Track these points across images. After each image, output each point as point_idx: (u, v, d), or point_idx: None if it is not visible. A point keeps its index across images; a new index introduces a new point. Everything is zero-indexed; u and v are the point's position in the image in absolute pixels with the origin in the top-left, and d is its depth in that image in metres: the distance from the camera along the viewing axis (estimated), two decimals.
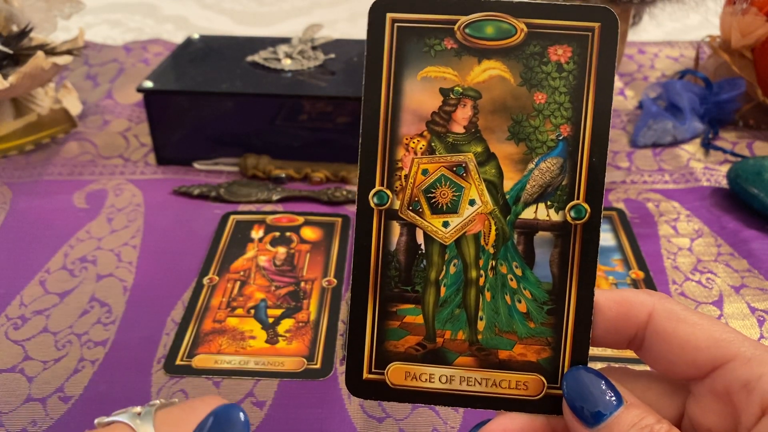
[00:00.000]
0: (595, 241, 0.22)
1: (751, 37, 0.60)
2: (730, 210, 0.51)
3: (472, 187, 0.22)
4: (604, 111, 0.21)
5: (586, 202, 0.22)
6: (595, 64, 0.21)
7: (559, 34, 0.22)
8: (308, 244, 0.47)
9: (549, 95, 0.22)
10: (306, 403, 0.35)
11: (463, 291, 0.22)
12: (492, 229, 0.22)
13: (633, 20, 0.52)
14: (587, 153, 0.22)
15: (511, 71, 0.22)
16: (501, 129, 0.22)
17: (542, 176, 0.22)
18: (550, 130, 0.22)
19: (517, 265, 0.22)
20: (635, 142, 0.60)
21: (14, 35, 0.57)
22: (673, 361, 0.19)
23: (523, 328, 0.22)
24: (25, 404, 0.35)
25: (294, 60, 0.58)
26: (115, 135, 0.61)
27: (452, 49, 0.22)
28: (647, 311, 0.20)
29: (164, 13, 0.97)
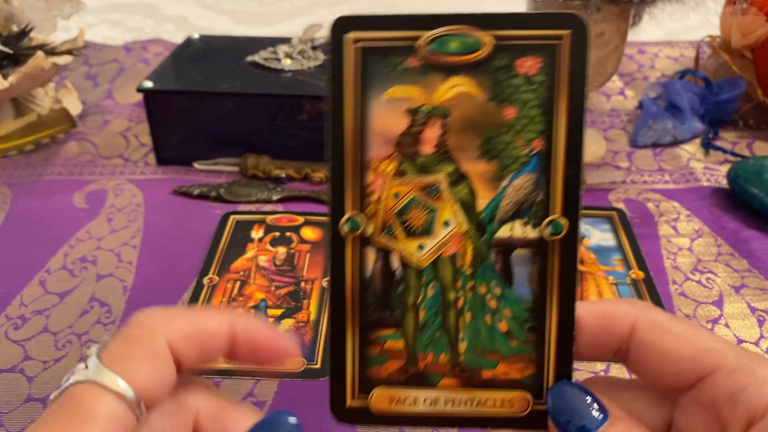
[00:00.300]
0: (574, 256, 0.21)
1: (751, 37, 0.60)
2: (730, 210, 0.51)
3: (446, 208, 0.22)
4: (577, 123, 0.21)
5: (563, 217, 0.21)
6: (566, 74, 0.21)
7: (527, 45, 0.21)
8: (308, 244, 0.47)
9: (519, 109, 0.21)
10: (306, 403, 0.35)
11: (443, 314, 0.22)
12: (468, 249, 0.22)
13: (633, 20, 0.52)
14: (562, 167, 0.21)
15: (479, 87, 0.21)
16: (472, 147, 0.21)
17: (516, 193, 0.21)
18: (522, 145, 0.21)
19: (496, 284, 0.22)
20: (635, 142, 0.60)
21: (14, 35, 0.57)
22: (659, 372, 0.19)
23: (505, 347, 0.22)
24: (25, 404, 0.35)
25: (294, 60, 0.58)
26: (115, 135, 0.61)
27: (417, 67, 0.21)
28: (630, 323, 0.20)
29: (164, 13, 0.97)
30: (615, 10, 0.49)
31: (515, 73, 0.21)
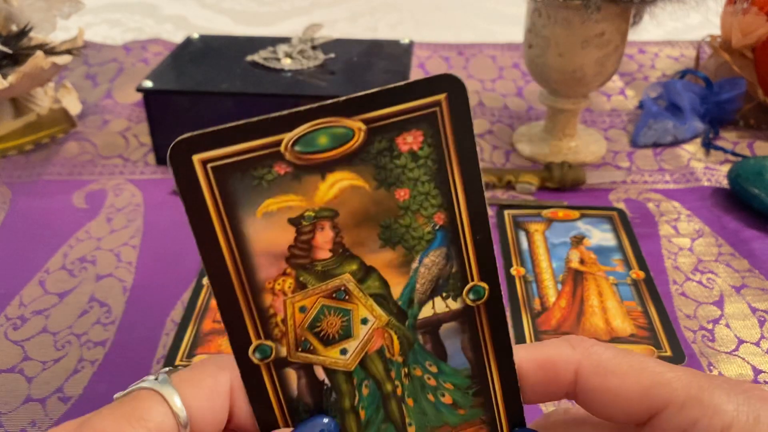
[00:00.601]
0: (502, 315, 0.21)
1: (751, 37, 0.60)
2: (731, 210, 0.51)
3: (360, 307, 0.21)
4: (475, 185, 0.20)
5: (481, 281, 0.21)
6: (452, 139, 0.19)
7: (403, 120, 0.19)
8: None
9: (411, 189, 0.20)
10: None
11: (384, 407, 0.21)
12: (394, 339, 0.21)
13: (633, 19, 0.52)
14: (469, 233, 0.20)
15: (363, 177, 0.19)
16: (371, 239, 0.20)
17: (429, 272, 0.21)
18: (423, 224, 0.20)
19: (430, 363, 0.21)
20: (636, 142, 0.60)
21: (14, 35, 0.57)
22: (609, 414, 0.19)
23: (454, 417, 0.22)
24: (25, 404, 0.35)
25: (294, 60, 0.58)
26: (115, 135, 0.61)
27: (288, 173, 0.19)
28: (573, 369, 0.19)
29: (164, 13, 0.97)
30: (615, 10, 0.49)
31: (398, 153, 0.19)
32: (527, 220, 0.50)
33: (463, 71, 0.74)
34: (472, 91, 0.69)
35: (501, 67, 0.75)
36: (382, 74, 0.57)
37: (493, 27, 0.92)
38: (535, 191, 0.53)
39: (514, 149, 0.59)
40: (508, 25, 0.92)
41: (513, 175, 0.53)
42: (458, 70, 0.74)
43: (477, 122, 0.63)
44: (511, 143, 0.60)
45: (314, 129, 0.19)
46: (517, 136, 0.60)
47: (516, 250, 0.47)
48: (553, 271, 0.45)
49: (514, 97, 0.69)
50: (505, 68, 0.75)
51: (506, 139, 0.61)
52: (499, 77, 0.73)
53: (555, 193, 0.53)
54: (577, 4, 0.48)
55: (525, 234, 0.48)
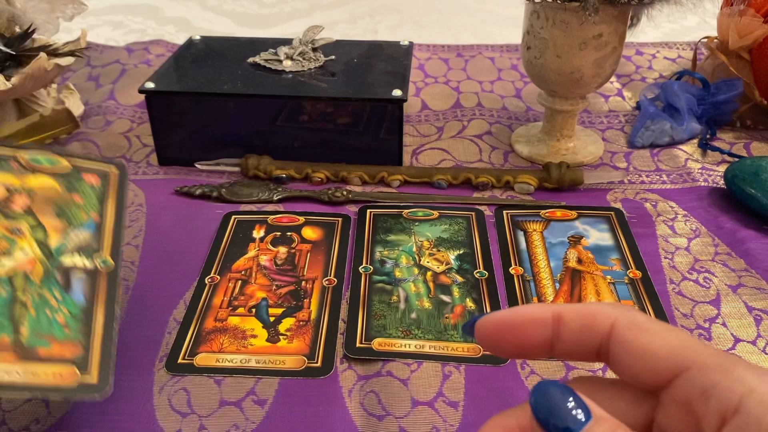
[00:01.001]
0: (114, 284, 0.34)
1: (748, 39, 0.60)
2: (728, 210, 0.51)
3: (23, 242, 0.33)
4: (119, 204, 0.37)
5: (110, 256, 0.35)
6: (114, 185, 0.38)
7: (90, 168, 0.37)
8: (309, 243, 0.48)
9: (85, 199, 0.36)
10: (307, 402, 0.36)
11: (10, 308, 0.30)
12: (38, 268, 0.32)
13: (631, 21, 0.52)
14: (111, 225, 0.36)
15: (59, 184, 0.36)
16: (50, 212, 0.35)
17: (77, 240, 0.35)
18: (83, 215, 0.36)
19: (58, 292, 0.32)
20: (633, 142, 0.60)
21: (17, 36, 0.57)
22: (636, 370, 0.20)
23: (60, 333, 0.30)
24: (28, 402, 0.36)
25: (294, 61, 0.59)
26: (118, 136, 0.61)
27: (17, 168, 0.35)
28: (609, 322, 0.20)
29: (166, 15, 0.97)
30: (613, 12, 0.49)
31: (83, 181, 0.37)
32: (525, 220, 0.50)
33: (462, 72, 0.75)
34: (471, 92, 0.70)
35: (499, 68, 0.75)
36: (382, 75, 0.57)
37: (491, 29, 0.92)
38: (533, 191, 0.54)
39: (512, 150, 0.60)
40: (506, 27, 0.93)
41: (511, 176, 0.54)
42: (457, 71, 0.75)
43: (476, 122, 0.64)
44: (510, 144, 0.61)
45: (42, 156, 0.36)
46: (515, 137, 0.61)
47: (514, 249, 0.47)
48: (551, 270, 0.45)
49: (513, 98, 0.69)
50: (504, 70, 0.75)
51: (505, 140, 0.61)
52: (498, 78, 0.73)
53: (553, 194, 0.54)
54: (575, 6, 0.49)
55: (523, 234, 0.49)
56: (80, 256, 0.34)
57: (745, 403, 0.17)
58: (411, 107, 0.67)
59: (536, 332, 0.21)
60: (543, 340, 0.21)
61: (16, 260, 0.32)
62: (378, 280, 0.44)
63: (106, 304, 0.32)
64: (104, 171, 0.38)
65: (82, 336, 0.31)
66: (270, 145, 0.56)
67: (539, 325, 0.21)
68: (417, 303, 0.42)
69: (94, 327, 0.31)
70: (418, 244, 0.47)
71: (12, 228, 0.33)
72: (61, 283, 0.32)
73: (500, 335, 0.21)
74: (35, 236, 0.33)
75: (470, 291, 0.43)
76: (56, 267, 0.33)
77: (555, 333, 0.21)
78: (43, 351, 0.29)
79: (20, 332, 0.29)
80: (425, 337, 0.40)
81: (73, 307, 0.31)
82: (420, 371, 0.37)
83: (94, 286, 0.33)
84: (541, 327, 0.21)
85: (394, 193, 0.54)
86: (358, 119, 0.56)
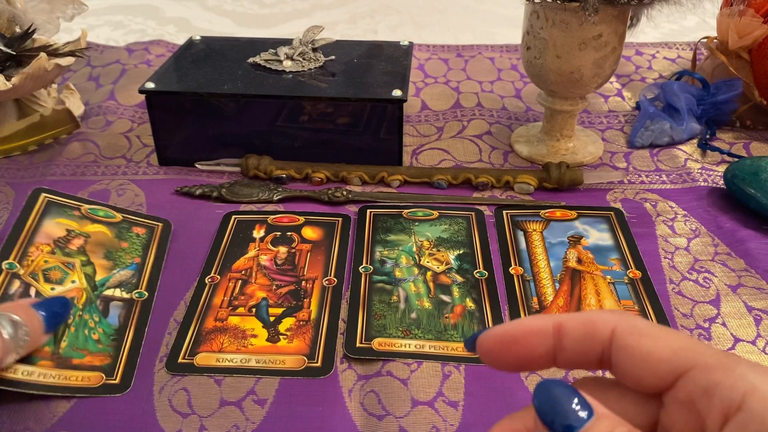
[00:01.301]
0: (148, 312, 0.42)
1: (747, 39, 0.60)
2: (727, 210, 0.52)
3: (74, 274, 0.41)
4: (160, 251, 0.46)
5: (145, 290, 0.43)
6: (157, 237, 0.47)
7: (139, 222, 0.48)
8: (309, 243, 0.48)
9: (130, 245, 0.45)
10: (307, 401, 0.36)
11: None
12: (84, 296, 0.41)
13: (631, 22, 0.53)
14: (150, 267, 0.45)
15: (110, 231, 0.46)
16: (100, 253, 0.44)
17: (120, 277, 0.43)
18: (128, 258, 0.45)
19: (96, 315, 0.40)
20: (633, 142, 0.60)
21: (17, 36, 0.57)
22: (639, 374, 0.20)
23: (94, 347, 0.38)
24: (29, 402, 0.36)
25: (294, 61, 0.59)
26: (118, 136, 0.61)
27: (78, 215, 0.45)
28: (610, 328, 0.20)
29: (166, 15, 0.97)
30: (613, 12, 0.49)
31: (132, 230, 0.47)
32: (525, 220, 0.50)
33: (462, 72, 0.75)
34: (471, 93, 0.70)
35: (499, 68, 0.75)
36: (382, 76, 0.57)
37: (491, 29, 0.92)
38: (533, 191, 0.54)
39: (512, 150, 0.60)
40: (506, 28, 0.93)
41: (511, 176, 0.54)
42: (457, 72, 0.75)
43: (476, 123, 0.64)
44: (510, 144, 0.61)
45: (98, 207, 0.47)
46: (515, 137, 0.61)
47: (514, 249, 0.47)
48: (551, 270, 0.45)
49: (513, 99, 0.69)
50: (504, 70, 0.75)
51: (504, 140, 0.61)
52: (498, 79, 0.73)
53: (553, 194, 0.54)
54: (575, 7, 0.49)
55: (523, 234, 0.49)
56: (120, 289, 0.42)
57: (747, 400, 0.17)
58: (411, 107, 0.67)
59: (538, 344, 0.21)
60: (545, 351, 0.21)
61: (65, 288, 0.40)
62: (378, 280, 0.44)
63: (137, 325, 0.40)
64: (152, 225, 0.48)
65: (112, 350, 0.38)
66: (270, 145, 0.56)
67: (541, 336, 0.21)
68: (417, 303, 0.42)
69: (125, 343, 0.39)
70: (418, 244, 0.48)
71: (67, 263, 0.42)
72: (100, 309, 0.41)
73: (502, 349, 0.22)
74: (84, 271, 0.42)
75: (470, 291, 0.43)
76: (98, 296, 0.41)
77: (557, 343, 0.21)
78: (76, 360, 0.37)
79: (60, 345, 0.37)
80: (425, 337, 0.40)
81: (107, 327, 0.40)
82: (420, 371, 0.37)
83: (129, 312, 0.41)
84: (542, 338, 0.21)
85: (394, 193, 0.54)
86: (358, 119, 0.56)
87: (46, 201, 0.44)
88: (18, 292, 0.39)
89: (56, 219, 0.44)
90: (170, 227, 0.48)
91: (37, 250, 0.41)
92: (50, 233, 0.43)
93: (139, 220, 0.48)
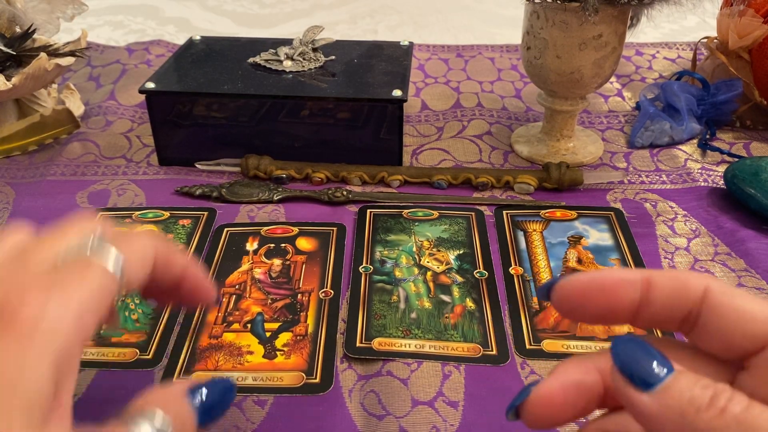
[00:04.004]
0: None
1: (747, 39, 0.60)
2: (727, 210, 0.52)
3: None
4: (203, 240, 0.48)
5: None
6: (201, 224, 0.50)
7: (185, 215, 0.50)
8: (304, 254, 0.46)
9: (175, 235, 0.48)
10: (307, 402, 0.36)
11: None
12: None
13: (631, 22, 0.53)
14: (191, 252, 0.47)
15: (157, 227, 0.49)
16: None
17: None
18: None
19: (137, 298, 0.43)
20: (633, 143, 0.60)
21: (17, 36, 0.58)
22: (730, 335, 0.19)
23: (132, 326, 0.41)
24: None
25: (295, 61, 0.59)
26: (118, 136, 0.61)
27: (129, 222, 0.50)
28: (702, 287, 0.20)
29: (166, 15, 0.97)
30: (613, 12, 0.49)
31: (177, 223, 0.49)
32: (525, 220, 0.50)
33: (462, 72, 0.75)
34: (471, 93, 0.70)
35: (499, 68, 0.75)
36: (382, 76, 0.57)
37: (491, 29, 0.93)
38: (533, 191, 0.54)
39: (512, 150, 0.60)
40: (506, 28, 0.93)
41: (511, 176, 0.54)
42: (457, 72, 0.75)
43: (476, 123, 0.64)
44: (510, 144, 0.61)
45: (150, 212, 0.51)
46: (515, 137, 0.61)
47: (514, 249, 0.47)
48: (551, 270, 0.45)
49: (513, 99, 0.69)
50: (504, 70, 0.75)
51: (504, 140, 0.61)
52: (498, 79, 0.73)
53: (553, 194, 0.54)
54: (575, 7, 0.49)
55: (523, 234, 0.49)
56: None
57: None
58: (411, 107, 0.67)
59: (626, 294, 0.21)
60: (630, 304, 0.21)
61: None
62: (378, 279, 0.44)
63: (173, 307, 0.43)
64: (197, 215, 0.50)
65: (149, 328, 0.41)
66: (270, 145, 0.56)
67: (629, 287, 0.21)
68: (417, 303, 0.42)
69: (160, 322, 0.41)
70: (418, 244, 0.48)
71: None
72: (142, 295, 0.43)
73: (586, 297, 0.21)
74: None
75: (470, 291, 0.43)
76: None
77: (644, 297, 0.21)
78: (115, 339, 0.40)
79: (101, 327, 0.40)
80: (425, 337, 0.40)
81: (146, 308, 0.42)
82: (420, 371, 0.37)
83: None
84: (631, 289, 0.21)
85: (394, 193, 0.54)
86: (358, 119, 0.56)
87: (101, 218, 0.50)
88: None
89: None
90: (215, 213, 0.51)
91: None
92: None
93: (185, 213, 0.51)
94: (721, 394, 0.17)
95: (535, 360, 0.38)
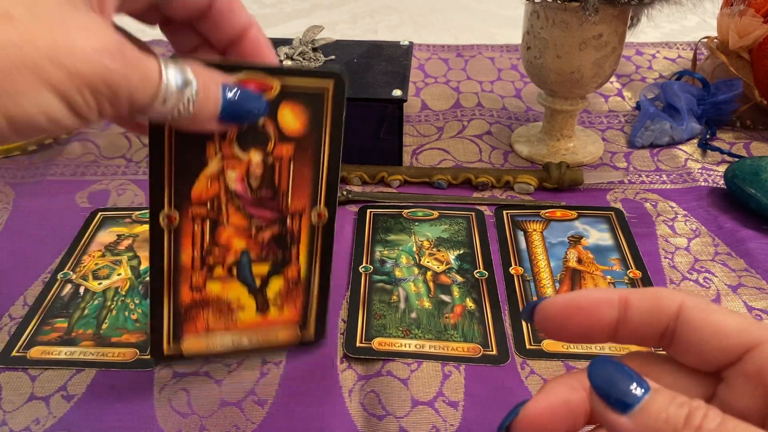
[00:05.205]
0: None
1: (748, 39, 0.60)
2: (727, 210, 0.51)
3: (122, 269, 0.45)
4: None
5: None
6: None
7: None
8: (291, 141, 0.32)
9: None
10: (307, 401, 0.36)
11: (99, 312, 0.42)
12: (127, 284, 0.44)
13: (631, 21, 0.52)
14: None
15: None
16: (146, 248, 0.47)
17: None
18: None
19: (137, 299, 0.43)
20: (633, 142, 0.60)
21: None
22: (705, 349, 0.20)
23: (132, 326, 0.41)
24: (29, 403, 0.36)
25: (295, 61, 0.59)
26: (118, 136, 0.61)
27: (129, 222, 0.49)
28: (677, 304, 0.21)
29: None
30: (613, 12, 0.49)
31: None
32: (525, 220, 0.50)
33: (462, 72, 0.75)
34: (471, 92, 0.70)
35: (499, 68, 0.75)
36: (382, 75, 0.57)
37: (491, 29, 0.92)
38: (533, 191, 0.54)
39: (512, 150, 0.60)
40: (506, 28, 0.93)
41: (511, 176, 0.54)
42: (457, 72, 0.75)
43: (476, 122, 0.64)
44: (510, 144, 0.61)
45: None
46: (515, 137, 0.61)
47: (514, 249, 0.47)
48: (551, 270, 0.45)
49: (513, 99, 0.69)
50: (504, 70, 0.75)
51: (504, 140, 0.61)
52: (498, 79, 0.73)
53: (553, 194, 0.54)
54: (575, 7, 0.49)
55: (523, 234, 0.49)
56: None
57: None
58: (411, 107, 0.67)
59: (604, 314, 0.21)
60: (609, 323, 0.21)
61: (111, 281, 0.44)
62: (378, 279, 0.44)
63: None
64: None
65: (148, 328, 0.37)
66: None
67: (607, 306, 0.21)
68: (417, 303, 0.42)
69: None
70: (418, 244, 0.48)
71: (115, 261, 0.46)
72: (141, 292, 0.43)
73: (566, 317, 0.22)
74: (130, 264, 0.45)
75: (470, 291, 0.43)
76: (140, 282, 0.44)
77: (621, 315, 0.21)
78: (114, 339, 0.40)
79: (101, 327, 0.41)
80: (425, 337, 0.40)
81: (146, 308, 0.42)
82: (420, 371, 0.37)
83: None
84: (608, 308, 0.21)
85: (394, 193, 0.54)
86: (358, 119, 0.56)
87: (101, 217, 0.50)
88: (69, 293, 0.43)
89: (110, 229, 0.48)
90: None
91: (90, 257, 0.46)
92: (102, 241, 0.48)
93: None
94: (696, 411, 0.18)
95: (535, 360, 0.38)
